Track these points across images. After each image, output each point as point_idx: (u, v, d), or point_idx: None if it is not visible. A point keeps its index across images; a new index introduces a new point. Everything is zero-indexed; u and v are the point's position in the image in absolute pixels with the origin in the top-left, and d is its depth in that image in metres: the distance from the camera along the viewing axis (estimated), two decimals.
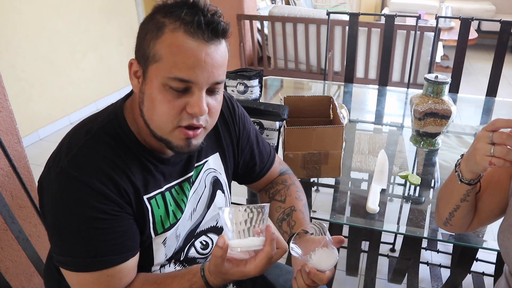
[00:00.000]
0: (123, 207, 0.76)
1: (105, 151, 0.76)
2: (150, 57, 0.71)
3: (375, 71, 3.18)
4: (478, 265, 1.82)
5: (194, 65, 0.70)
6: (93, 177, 0.72)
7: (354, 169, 1.40)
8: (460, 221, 0.93)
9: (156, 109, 0.73)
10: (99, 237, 0.74)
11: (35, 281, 1.45)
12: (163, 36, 0.70)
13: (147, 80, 0.73)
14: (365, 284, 1.68)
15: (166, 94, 0.71)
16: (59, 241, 0.76)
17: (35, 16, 2.99)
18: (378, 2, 6.55)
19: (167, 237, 0.85)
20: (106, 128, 0.78)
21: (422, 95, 1.41)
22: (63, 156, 0.75)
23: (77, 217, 0.72)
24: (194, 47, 0.70)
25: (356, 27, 2.10)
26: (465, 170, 0.84)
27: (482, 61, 5.07)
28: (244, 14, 3.42)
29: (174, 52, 0.69)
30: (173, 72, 0.70)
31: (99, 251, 0.74)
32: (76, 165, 0.73)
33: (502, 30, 1.91)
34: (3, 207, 1.07)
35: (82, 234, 0.73)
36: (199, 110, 0.72)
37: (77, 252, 0.74)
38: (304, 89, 2.40)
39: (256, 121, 1.18)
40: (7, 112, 1.29)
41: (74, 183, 0.72)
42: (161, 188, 0.83)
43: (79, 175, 0.72)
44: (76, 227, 0.73)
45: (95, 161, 0.74)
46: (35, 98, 3.10)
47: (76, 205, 0.72)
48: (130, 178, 0.77)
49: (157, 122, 0.74)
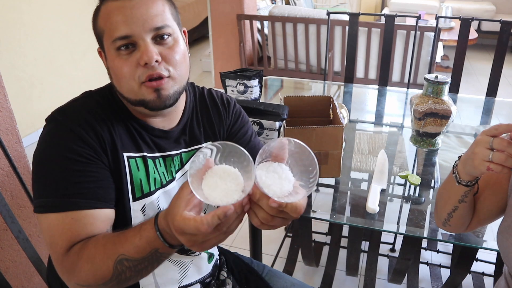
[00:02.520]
0: (99, 155, 0.79)
1: (94, 106, 0.82)
2: (99, 35, 0.81)
3: (375, 71, 3.18)
4: (478, 265, 1.82)
5: (124, 20, 0.76)
6: (74, 122, 0.78)
7: (354, 169, 1.40)
8: (459, 221, 0.93)
9: (118, 74, 0.79)
10: (71, 178, 0.76)
11: (35, 281, 1.45)
12: (100, 13, 0.80)
13: (107, 56, 0.81)
14: (365, 284, 1.68)
15: (120, 57, 0.78)
16: (36, 184, 0.78)
17: (35, 16, 2.98)
18: (378, 2, 6.55)
19: (146, 205, 0.85)
20: (100, 92, 0.86)
21: (422, 95, 1.41)
22: (56, 109, 0.82)
23: (54, 157, 0.76)
24: (119, 6, 0.77)
25: (356, 27, 2.10)
26: (463, 172, 0.84)
27: (482, 61, 5.07)
28: (244, 14, 3.42)
29: (107, 19, 0.78)
30: (113, 35, 0.77)
31: (68, 192, 0.76)
32: (63, 112, 0.80)
33: (502, 30, 1.91)
34: (3, 207, 1.07)
35: (55, 174, 0.76)
36: (147, 58, 0.75)
37: (48, 192, 0.76)
38: (304, 89, 2.40)
39: (256, 121, 1.18)
40: (7, 112, 1.29)
41: (57, 126, 0.78)
42: (142, 153, 0.85)
43: (63, 119, 0.78)
44: (51, 167, 0.76)
45: (81, 110, 0.80)
46: (35, 98, 3.10)
47: (55, 146, 0.77)
48: (111, 132, 0.81)
49: (124, 87, 0.79)
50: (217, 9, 3.57)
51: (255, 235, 1.49)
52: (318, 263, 1.93)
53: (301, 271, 1.96)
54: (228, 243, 2.15)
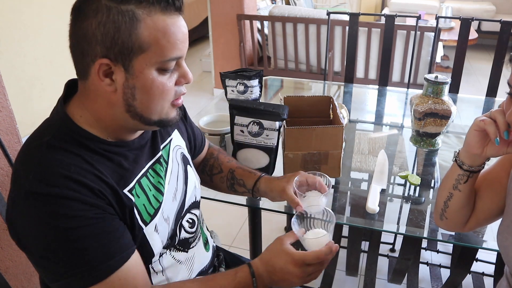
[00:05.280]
0: (105, 209, 0.72)
1: (67, 158, 0.70)
2: (135, 49, 0.68)
3: (375, 71, 3.18)
4: (478, 265, 1.82)
5: (181, 40, 0.72)
6: (63, 188, 0.67)
7: (354, 169, 1.40)
8: (455, 214, 0.93)
9: (154, 96, 0.73)
10: (94, 244, 0.69)
11: (35, 281, 1.45)
12: (142, 24, 0.67)
13: (135, 74, 0.70)
14: (365, 284, 1.68)
15: (161, 77, 0.72)
16: (52, 267, 0.69)
17: (35, 16, 2.99)
18: (378, 2, 6.55)
19: (157, 223, 0.84)
20: (58, 136, 0.72)
21: (422, 95, 1.41)
22: (22, 181, 0.68)
23: (63, 232, 0.67)
24: (174, 23, 0.70)
25: (356, 27, 2.10)
26: (464, 152, 0.88)
27: (482, 61, 5.07)
28: (244, 14, 3.42)
29: (161, 35, 0.69)
30: (166, 54, 0.70)
31: (100, 258, 0.70)
32: (40, 182, 0.67)
33: (502, 30, 1.91)
34: (3, 207, 1.07)
35: (75, 247, 0.68)
36: (190, 77, 0.76)
37: (77, 269, 0.68)
38: (304, 89, 2.40)
39: (256, 121, 1.18)
40: (7, 112, 1.29)
41: (46, 201, 0.66)
42: (136, 176, 0.80)
43: (48, 190, 0.66)
44: (65, 244, 0.67)
45: (59, 170, 0.68)
46: (35, 98, 3.10)
47: (56, 221, 0.66)
48: (102, 179, 0.72)
49: (153, 107, 0.74)
50: (217, 9, 3.57)
51: (255, 235, 1.49)
52: None
53: None
54: (228, 243, 2.15)
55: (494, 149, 0.82)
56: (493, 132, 0.79)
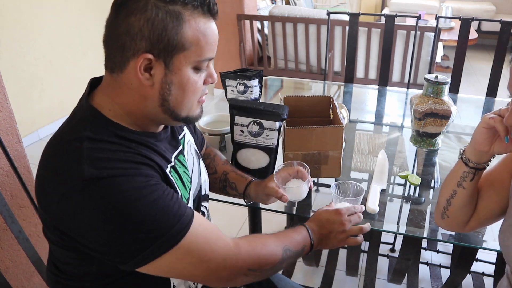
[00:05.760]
0: (160, 179, 0.76)
1: (113, 147, 0.72)
2: (178, 47, 0.73)
3: (375, 71, 3.18)
4: (478, 265, 1.83)
5: (215, 42, 0.78)
6: (121, 169, 0.69)
7: (354, 169, 1.40)
8: (457, 213, 0.93)
9: (188, 92, 0.78)
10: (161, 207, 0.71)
11: (35, 281, 1.45)
12: (187, 24, 0.73)
13: (174, 70, 0.75)
14: (365, 284, 1.68)
15: (195, 75, 0.77)
16: (123, 247, 0.70)
17: (35, 16, 2.99)
18: (378, 2, 6.55)
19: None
20: (95, 130, 0.73)
21: (422, 95, 1.41)
22: (74, 173, 0.68)
23: (132, 204, 0.68)
24: (211, 26, 0.77)
25: (356, 27, 2.10)
26: (470, 149, 0.88)
27: (482, 61, 5.07)
28: (244, 14, 3.42)
29: (201, 37, 0.75)
30: (204, 54, 0.76)
31: (179, 212, 0.73)
32: (98, 169, 0.68)
33: (502, 30, 1.91)
34: (3, 207, 1.07)
35: (145, 217, 0.69)
36: (216, 77, 0.83)
37: (152, 238, 0.70)
38: (304, 89, 2.40)
39: (256, 121, 1.18)
40: (7, 112, 1.29)
41: (109, 182, 0.67)
42: (170, 162, 0.84)
43: (107, 172, 0.68)
44: (135, 217, 0.68)
45: (112, 156, 0.70)
46: (35, 98, 3.10)
47: (122, 198, 0.68)
48: (149, 158, 0.76)
49: (185, 103, 0.79)
50: None
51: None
52: (318, 263, 1.93)
53: (301, 271, 1.96)
54: None
55: (502, 146, 0.83)
56: (503, 130, 0.79)
